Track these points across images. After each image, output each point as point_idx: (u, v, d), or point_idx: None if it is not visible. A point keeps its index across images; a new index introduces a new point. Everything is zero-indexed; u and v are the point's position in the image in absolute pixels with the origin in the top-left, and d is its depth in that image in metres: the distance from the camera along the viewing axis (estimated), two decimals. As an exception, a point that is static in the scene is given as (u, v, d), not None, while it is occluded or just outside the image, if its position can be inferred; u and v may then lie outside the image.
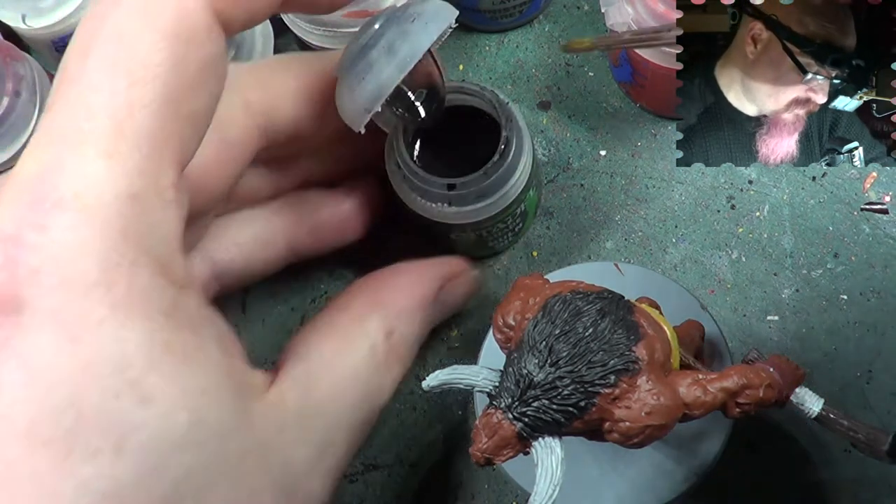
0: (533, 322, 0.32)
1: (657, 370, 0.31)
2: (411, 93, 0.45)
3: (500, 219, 0.49)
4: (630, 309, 0.33)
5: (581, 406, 0.30)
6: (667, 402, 0.30)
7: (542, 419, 0.30)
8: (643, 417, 0.30)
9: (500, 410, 0.31)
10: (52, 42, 0.57)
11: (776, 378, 0.34)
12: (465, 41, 0.60)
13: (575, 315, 0.32)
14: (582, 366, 0.30)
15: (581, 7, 0.60)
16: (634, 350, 0.31)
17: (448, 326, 0.53)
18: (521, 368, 0.31)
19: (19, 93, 0.51)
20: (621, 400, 0.30)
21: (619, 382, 0.30)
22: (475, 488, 0.51)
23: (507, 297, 0.35)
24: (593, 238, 0.54)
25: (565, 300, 0.32)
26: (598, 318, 0.32)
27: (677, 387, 0.31)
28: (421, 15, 0.40)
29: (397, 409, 0.53)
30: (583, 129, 0.56)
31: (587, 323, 0.31)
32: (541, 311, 0.32)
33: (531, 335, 0.32)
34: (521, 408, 0.31)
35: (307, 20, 0.51)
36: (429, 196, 0.46)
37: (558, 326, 0.31)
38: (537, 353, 0.31)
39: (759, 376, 0.33)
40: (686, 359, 0.36)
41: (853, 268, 0.51)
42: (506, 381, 0.31)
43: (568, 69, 0.58)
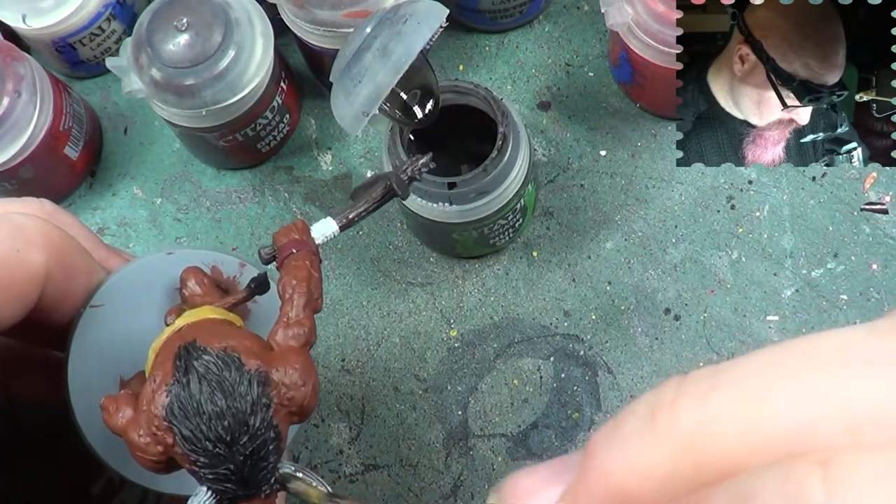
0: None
1: (266, 358, 0.29)
2: (407, 94, 0.45)
3: (501, 215, 0.49)
4: (198, 350, 0.28)
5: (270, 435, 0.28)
6: (299, 363, 0.29)
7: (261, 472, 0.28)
8: (307, 389, 0.29)
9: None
10: (52, 42, 0.57)
11: (302, 248, 0.32)
12: (465, 41, 0.60)
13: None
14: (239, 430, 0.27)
15: (581, 7, 0.60)
16: (251, 370, 0.28)
17: (448, 327, 0.53)
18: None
19: (19, 93, 0.51)
20: (282, 403, 0.28)
21: (270, 403, 0.28)
22: (475, 488, 0.51)
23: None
24: (593, 238, 0.54)
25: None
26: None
27: (285, 347, 0.29)
28: (412, 15, 0.40)
29: (397, 409, 0.53)
30: (583, 129, 0.56)
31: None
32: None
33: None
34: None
35: (307, 20, 0.51)
36: (429, 196, 0.46)
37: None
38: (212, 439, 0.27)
39: (297, 266, 0.31)
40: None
41: (853, 268, 0.51)
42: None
43: (568, 69, 0.58)
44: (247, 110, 0.52)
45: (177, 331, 0.29)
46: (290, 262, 0.31)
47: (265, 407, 0.27)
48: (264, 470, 0.28)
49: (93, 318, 0.31)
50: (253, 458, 0.27)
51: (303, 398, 0.29)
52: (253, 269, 0.34)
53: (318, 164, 0.58)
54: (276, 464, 0.28)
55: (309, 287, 0.31)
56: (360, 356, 0.54)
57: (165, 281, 0.33)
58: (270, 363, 0.28)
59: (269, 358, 0.29)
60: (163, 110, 0.52)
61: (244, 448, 0.27)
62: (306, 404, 0.29)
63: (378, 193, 0.34)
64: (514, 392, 0.53)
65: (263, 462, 0.28)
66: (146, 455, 0.27)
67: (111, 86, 0.62)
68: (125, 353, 0.32)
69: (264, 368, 0.28)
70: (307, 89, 0.60)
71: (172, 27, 0.50)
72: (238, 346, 0.28)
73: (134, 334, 0.31)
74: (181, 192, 0.59)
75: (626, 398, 0.52)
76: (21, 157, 0.52)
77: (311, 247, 0.32)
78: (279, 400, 0.28)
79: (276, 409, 0.28)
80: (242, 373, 0.28)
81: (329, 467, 0.52)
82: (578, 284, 0.54)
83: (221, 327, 0.30)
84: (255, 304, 0.34)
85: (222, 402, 0.27)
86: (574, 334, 0.53)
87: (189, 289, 0.32)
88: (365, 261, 0.56)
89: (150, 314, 0.32)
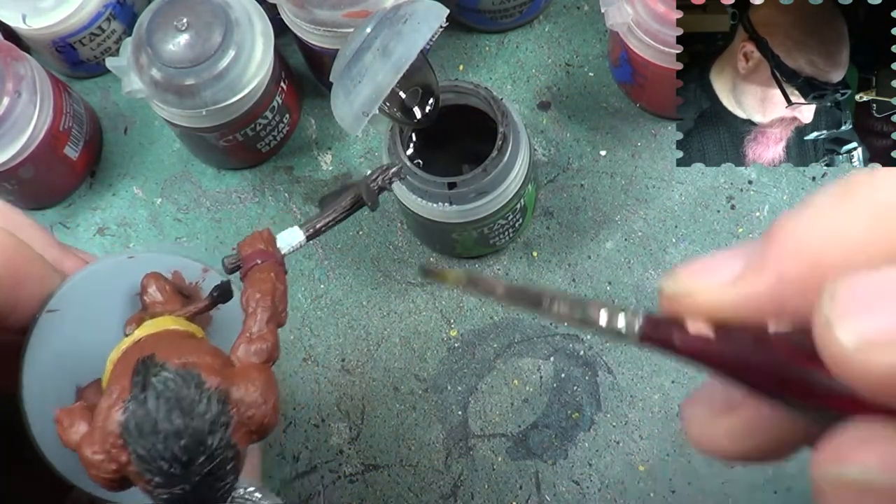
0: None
1: (227, 375, 0.28)
2: (406, 94, 0.45)
3: (501, 215, 0.49)
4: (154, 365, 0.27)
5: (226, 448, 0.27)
6: (260, 381, 0.28)
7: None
8: (267, 408, 0.28)
9: None
10: (52, 42, 0.57)
11: (267, 259, 0.31)
12: (465, 41, 0.60)
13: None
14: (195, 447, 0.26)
15: (581, 7, 0.59)
16: (210, 388, 0.27)
17: (448, 326, 0.53)
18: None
19: (20, 93, 0.51)
20: (241, 422, 0.27)
21: (229, 422, 0.27)
22: (475, 488, 0.51)
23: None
24: (593, 238, 0.54)
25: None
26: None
27: (247, 363, 0.29)
28: (412, 15, 0.40)
29: (397, 409, 0.53)
30: (583, 129, 0.56)
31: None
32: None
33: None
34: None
35: (307, 20, 0.51)
36: (429, 196, 0.46)
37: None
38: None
39: (261, 279, 0.30)
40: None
41: (853, 268, 0.51)
42: None
43: (568, 69, 0.58)
44: (247, 110, 0.52)
45: (136, 342, 0.29)
46: (254, 273, 0.31)
47: (224, 426, 0.27)
48: (220, 490, 0.27)
49: (49, 323, 0.30)
50: (209, 478, 0.26)
51: (263, 417, 0.28)
52: (217, 274, 0.33)
53: (318, 164, 0.58)
54: (232, 483, 0.27)
55: (273, 300, 0.30)
56: (360, 356, 0.54)
57: (125, 286, 0.32)
58: (231, 381, 0.28)
59: (229, 375, 0.28)
60: (163, 110, 0.52)
61: (200, 468, 0.26)
62: (266, 423, 0.28)
63: (347, 203, 0.33)
64: (514, 392, 0.53)
65: (220, 482, 0.27)
66: (100, 472, 0.26)
67: (111, 86, 0.62)
68: (82, 360, 0.31)
69: (224, 386, 0.27)
70: (307, 89, 0.60)
71: (172, 27, 0.50)
72: (198, 361, 0.27)
73: (91, 341, 0.30)
74: (181, 192, 0.59)
75: (626, 398, 0.52)
76: (21, 157, 0.52)
77: (276, 257, 0.31)
78: (239, 418, 0.27)
79: (236, 427, 0.27)
80: (202, 391, 0.27)
81: (329, 467, 0.52)
82: (578, 284, 0.54)
83: (182, 340, 0.29)
84: (218, 311, 0.33)
85: (180, 421, 0.26)
86: (574, 334, 0.53)
87: (150, 295, 0.31)
88: (365, 261, 0.56)
89: (109, 320, 0.31)
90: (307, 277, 0.56)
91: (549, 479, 0.51)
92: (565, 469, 0.51)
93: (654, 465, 0.51)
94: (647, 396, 0.52)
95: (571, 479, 0.51)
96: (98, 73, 0.61)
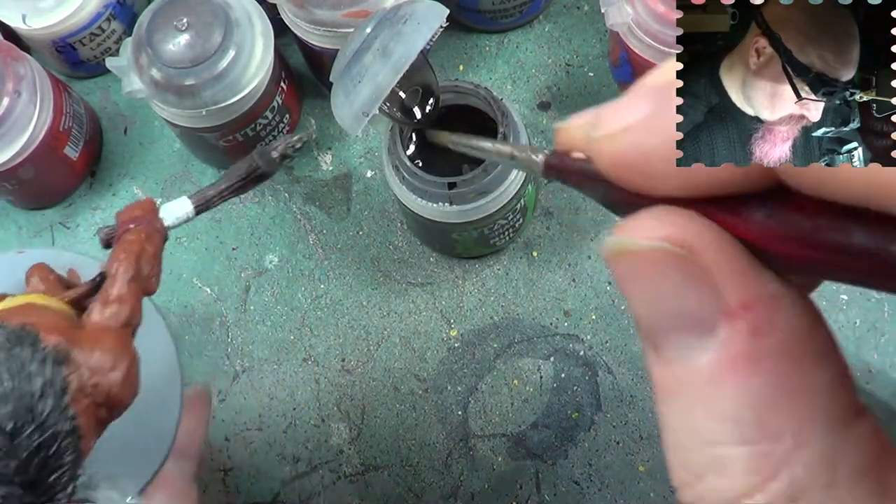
0: None
1: (73, 337, 0.25)
2: (406, 94, 0.45)
3: (502, 215, 0.49)
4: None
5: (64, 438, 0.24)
6: (110, 344, 0.25)
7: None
8: (116, 376, 0.25)
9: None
10: (52, 42, 0.57)
11: (142, 227, 0.29)
12: (465, 41, 0.60)
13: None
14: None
15: (581, 7, 0.59)
16: (46, 347, 0.24)
17: (448, 326, 0.53)
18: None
19: (19, 93, 0.51)
20: (83, 390, 0.24)
21: (67, 388, 0.24)
22: (475, 488, 0.51)
23: None
24: (593, 238, 0.54)
25: None
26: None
27: (98, 325, 0.26)
28: (412, 16, 0.40)
29: (397, 409, 0.53)
30: (583, 129, 0.56)
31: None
32: None
33: None
34: None
35: (307, 20, 0.51)
36: (429, 196, 0.46)
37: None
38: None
39: (128, 240, 0.28)
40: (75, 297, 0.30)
41: (853, 268, 0.51)
42: None
43: (568, 69, 0.58)
44: (247, 110, 0.52)
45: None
46: (125, 237, 0.28)
47: (60, 392, 0.23)
48: (57, 472, 0.23)
49: None
50: (41, 454, 0.22)
51: (110, 386, 0.24)
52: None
53: (318, 164, 0.58)
54: (74, 467, 0.24)
55: (138, 262, 0.28)
56: (360, 356, 0.54)
57: (13, 280, 0.30)
58: (75, 343, 0.25)
59: (75, 337, 0.25)
60: (163, 110, 0.52)
61: (29, 440, 0.22)
62: (115, 394, 0.25)
63: (242, 171, 0.31)
64: (514, 392, 0.53)
65: (56, 461, 0.23)
66: None
67: (111, 86, 0.62)
68: None
69: (65, 346, 0.24)
70: (307, 89, 0.60)
71: (172, 27, 0.50)
72: (39, 321, 0.25)
73: None
74: (181, 192, 0.59)
75: (626, 398, 0.52)
76: (21, 157, 0.52)
77: (153, 224, 0.29)
78: (79, 385, 0.24)
79: (76, 396, 0.24)
80: (36, 349, 0.23)
81: (329, 467, 0.52)
82: (578, 284, 0.54)
83: (34, 310, 0.27)
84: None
85: (8, 383, 0.22)
86: (574, 334, 0.53)
87: (32, 284, 0.30)
88: (365, 261, 0.56)
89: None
90: (307, 277, 0.56)
91: (549, 479, 0.51)
92: (565, 469, 0.51)
93: (654, 465, 0.51)
94: (647, 396, 0.52)
95: (571, 479, 0.51)
96: (98, 73, 0.61)
